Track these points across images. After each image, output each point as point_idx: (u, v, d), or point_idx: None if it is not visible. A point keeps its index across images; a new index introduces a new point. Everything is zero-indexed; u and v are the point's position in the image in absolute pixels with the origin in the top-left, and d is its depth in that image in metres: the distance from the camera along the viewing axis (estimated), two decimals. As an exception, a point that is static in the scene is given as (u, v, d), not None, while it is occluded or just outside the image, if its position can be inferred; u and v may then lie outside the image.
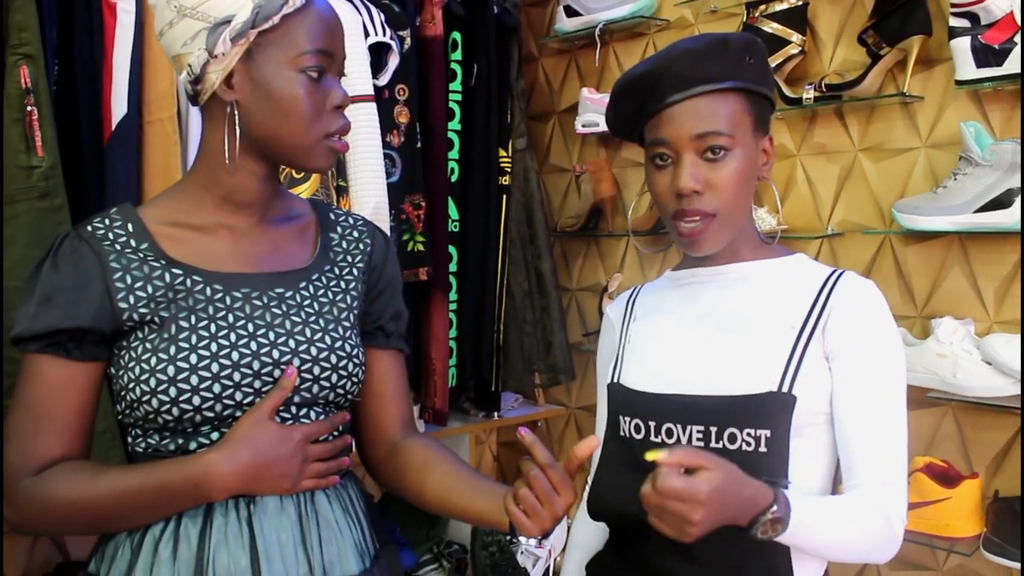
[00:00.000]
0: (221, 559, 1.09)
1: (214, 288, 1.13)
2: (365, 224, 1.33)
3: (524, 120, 2.66)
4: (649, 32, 2.53)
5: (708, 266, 1.30)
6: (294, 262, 1.22)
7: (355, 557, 1.18)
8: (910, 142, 2.00)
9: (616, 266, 2.68)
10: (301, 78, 1.10)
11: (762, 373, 1.18)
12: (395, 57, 2.13)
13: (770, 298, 1.24)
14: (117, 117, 1.79)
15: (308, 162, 1.15)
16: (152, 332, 1.10)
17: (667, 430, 1.22)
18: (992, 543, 1.76)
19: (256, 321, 1.14)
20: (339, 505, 1.20)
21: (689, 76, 1.18)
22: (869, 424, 1.18)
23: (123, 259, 1.11)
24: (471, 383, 2.55)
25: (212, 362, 1.09)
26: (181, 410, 1.08)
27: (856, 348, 1.19)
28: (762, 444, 1.15)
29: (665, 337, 1.30)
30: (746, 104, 1.21)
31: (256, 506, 1.11)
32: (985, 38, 1.72)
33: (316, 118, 1.12)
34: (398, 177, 2.17)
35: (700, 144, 1.19)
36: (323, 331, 1.18)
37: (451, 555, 2.60)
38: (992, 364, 1.76)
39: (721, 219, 1.20)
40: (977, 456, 1.92)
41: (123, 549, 1.12)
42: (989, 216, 1.74)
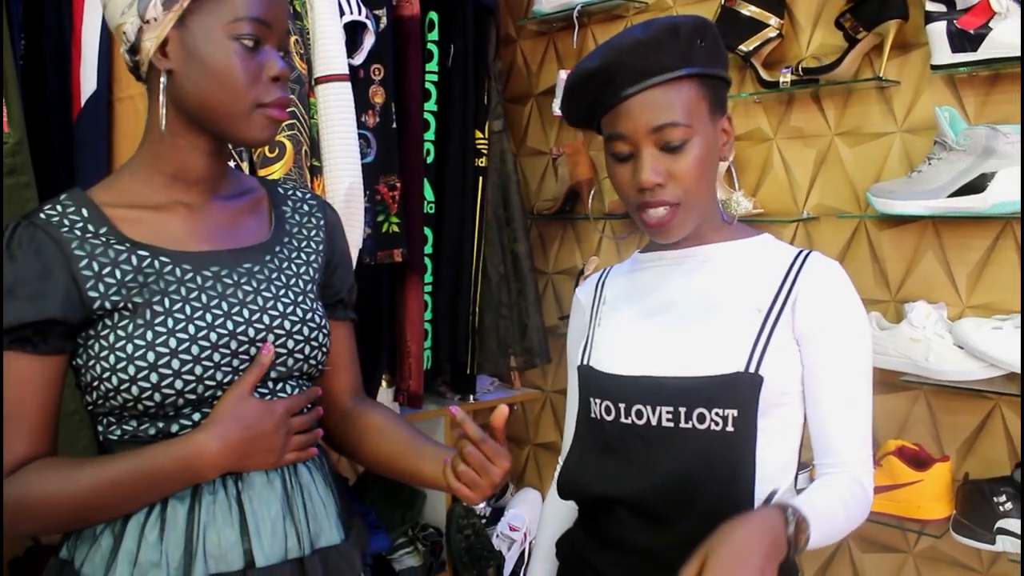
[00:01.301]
0: (211, 538, 1.09)
1: (183, 268, 1.12)
2: (314, 198, 1.33)
3: (501, 102, 2.65)
4: (628, 14, 2.52)
5: (674, 249, 1.30)
6: (253, 237, 1.21)
7: (336, 527, 1.20)
8: (886, 126, 2.00)
9: (592, 249, 2.67)
10: (235, 46, 1.07)
11: (730, 354, 1.19)
12: (371, 36, 2.11)
13: (737, 280, 1.26)
14: (86, 93, 1.76)
15: (244, 133, 1.11)
16: (124, 319, 1.07)
17: (637, 411, 1.23)
18: (961, 525, 1.77)
19: (229, 299, 1.13)
20: (320, 477, 1.22)
21: (642, 68, 1.18)
22: (845, 404, 1.21)
23: (86, 245, 1.08)
24: (447, 366, 2.54)
25: (192, 344, 1.08)
26: (163, 395, 1.06)
27: (828, 331, 1.21)
28: (729, 424, 1.18)
29: (634, 320, 1.31)
30: (701, 89, 1.20)
31: (244, 483, 1.12)
32: (960, 23, 1.73)
33: (250, 87, 1.09)
34: (373, 158, 2.15)
35: (658, 137, 1.18)
36: (293, 304, 1.18)
37: (426, 538, 2.60)
38: (964, 348, 1.77)
39: (686, 207, 1.21)
40: (948, 439, 1.94)
41: (102, 537, 1.09)
42: (963, 201, 1.75)
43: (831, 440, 1.22)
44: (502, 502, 2.90)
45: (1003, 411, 1.85)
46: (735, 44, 2.08)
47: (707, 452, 1.18)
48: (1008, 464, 1.82)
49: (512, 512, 2.78)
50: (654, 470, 1.21)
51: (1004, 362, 1.71)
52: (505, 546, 2.69)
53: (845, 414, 1.22)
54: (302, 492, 1.17)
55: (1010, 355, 1.70)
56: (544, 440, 2.90)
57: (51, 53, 1.75)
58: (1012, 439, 1.84)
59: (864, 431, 1.22)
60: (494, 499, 2.90)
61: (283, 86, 1.13)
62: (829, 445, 1.22)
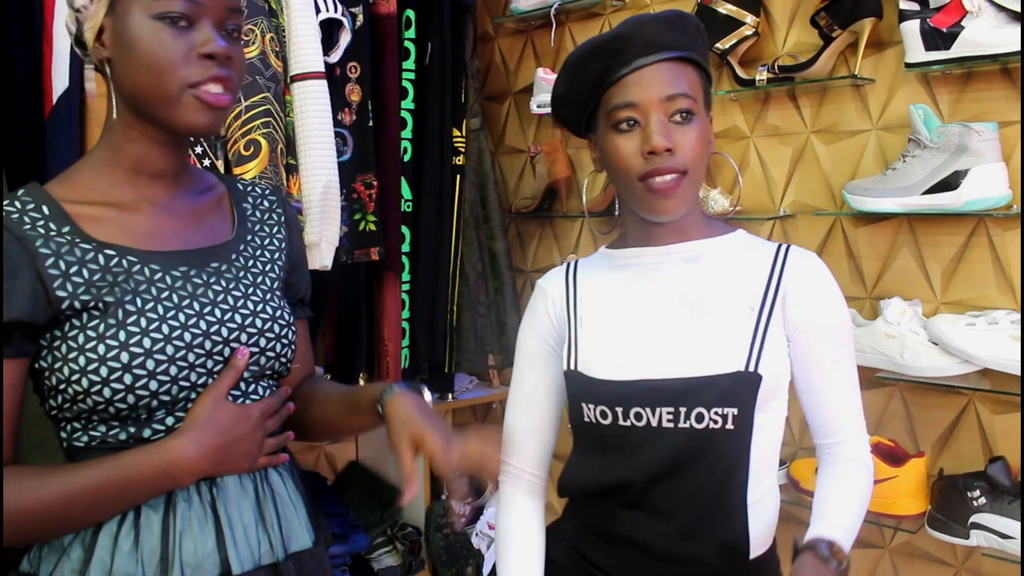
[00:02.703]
0: (188, 545, 1.06)
1: (152, 268, 1.09)
2: (273, 193, 1.31)
3: (479, 100, 2.65)
4: (605, 12, 2.52)
5: (655, 245, 1.31)
6: (218, 235, 1.19)
7: (307, 530, 1.20)
8: (861, 124, 2.01)
9: (571, 247, 2.67)
10: (159, 25, 1.04)
11: (728, 354, 1.22)
12: (347, 34, 2.10)
13: (724, 277, 1.28)
14: (58, 91, 1.73)
15: (176, 117, 1.06)
16: (94, 319, 1.04)
17: (636, 414, 1.24)
18: (936, 520, 1.78)
19: (200, 299, 1.11)
20: (291, 481, 1.21)
21: (658, 41, 1.22)
22: (841, 386, 1.29)
23: (51, 243, 1.04)
24: (424, 364, 2.53)
25: (166, 345, 1.05)
26: (137, 396, 1.04)
27: (819, 321, 1.26)
28: (729, 422, 1.21)
29: (622, 321, 1.30)
30: (700, 78, 1.26)
31: (218, 489, 1.10)
32: (934, 21, 1.74)
33: (178, 67, 1.04)
34: (349, 156, 2.14)
35: (669, 106, 1.21)
36: (262, 302, 1.17)
37: (405, 537, 2.59)
38: (938, 344, 1.78)
39: (690, 179, 1.23)
40: (923, 435, 1.95)
41: (72, 548, 1.06)
42: (936, 198, 1.76)
43: (831, 422, 1.30)
44: (481, 501, 2.90)
45: (977, 407, 1.87)
46: (712, 42, 2.08)
47: (705, 448, 1.21)
48: (982, 459, 1.84)
49: (491, 511, 2.77)
50: (651, 464, 1.24)
51: (977, 358, 1.72)
52: (484, 544, 2.69)
53: (842, 395, 1.29)
54: (274, 497, 1.16)
55: (983, 351, 1.71)
56: (523, 438, 2.89)
57: (22, 50, 1.73)
58: (985, 434, 1.86)
59: (858, 406, 1.31)
60: (472, 498, 2.89)
61: (223, 65, 1.06)
62: (829, 426, 1.30)
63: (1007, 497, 1.70)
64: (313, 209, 1.95)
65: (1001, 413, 1.83)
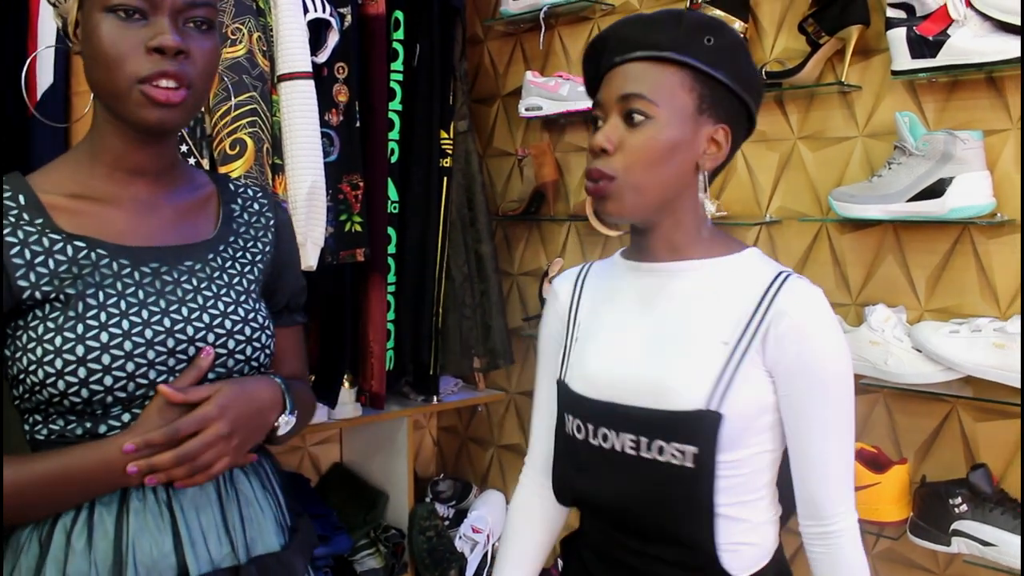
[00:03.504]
0: (142, 546, 1.05)
1: (120, 263, 1.08)
2: (265, 196, 1.30)
3: (467, 102, 2.64)
4: (594, 16, 2.52)
5: (649, 261, 1.26)
6: (199, 234, 1.18)
7: (275, 533, 1.17)
8: (847, 131, 2.02)
9: (558, 251, 2.67)
10: (111, 18, 1.03)
11: (690, 390, 1.15)
12: (335, 34, 2.09)
13: (709, 305, 1.20)
14: (43, 87, 1.73)
15: (126, 112, 1.05)
16: (55, 311, 1.03)
17: (603, 435, 1.22)
18: (918, 527, 1.79)
19: (168, 296, 1.10)
20: (258, 482, 1.19)
21: (631, 40, 1.18)
22: (826, 457, 1.17)
23: (19, 232, 1.04)
24: (410, 367, 2.53)
25: (124, 340, 1.04)
26: (91, 391, 1.03)
27: (799, 368, 1.15)
28: (689, 459, 1.14)
29: (605, 339, 1.28)
30: (691, 81, 1.17)
31: (175, 490, 1.08)
32: (920, 29, 1.74)
33: (124, 61, 1.02)
34: (336, 156, 2.13)
35: (623, 106, 1.17)
36: (235, 303, 1.15)
37: (388, 539, 2.59)
38: (922, 351, 1.79)
39: (622, 184, 1.16)
40: (906, 442, 1.95)
41: (29, 544, 1.06)
42: (921, 205, 1.76)
43: (812, 498, 1.18)
44: (465, 504, 2.90)
45: (960, 414, 1.87)
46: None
47: (666, 483, 1.16)
48: (964, 466, 1.84)
49: (475, 514, 2.77)
50: (621, 492, 1.21)
51: (960, 365, 1.73)
52: (468, 548, 2.68)
53: (824, 467, 1.17)
54: (238, 498, 1.14)
55: (966, 358, 1.72)
56: (508, 442, 2.89)
57: (6, 46, 1.72)
58: (968, 442, 1.86)
59: (845, 480, 1.18)
60: (456, 501, 2.89)
61: (173, 60, 1.04)
62: (808, 504, 1.19)
63: (989, 505, 1.71)
64: (299, 209, 1.94)
65: (983, 421, 1.84)
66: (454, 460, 3.12)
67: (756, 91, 1.24)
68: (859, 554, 1.18)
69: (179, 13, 1.05)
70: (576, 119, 2.55)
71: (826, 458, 1.17)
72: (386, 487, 2.70)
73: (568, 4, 2.46)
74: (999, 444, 1.81)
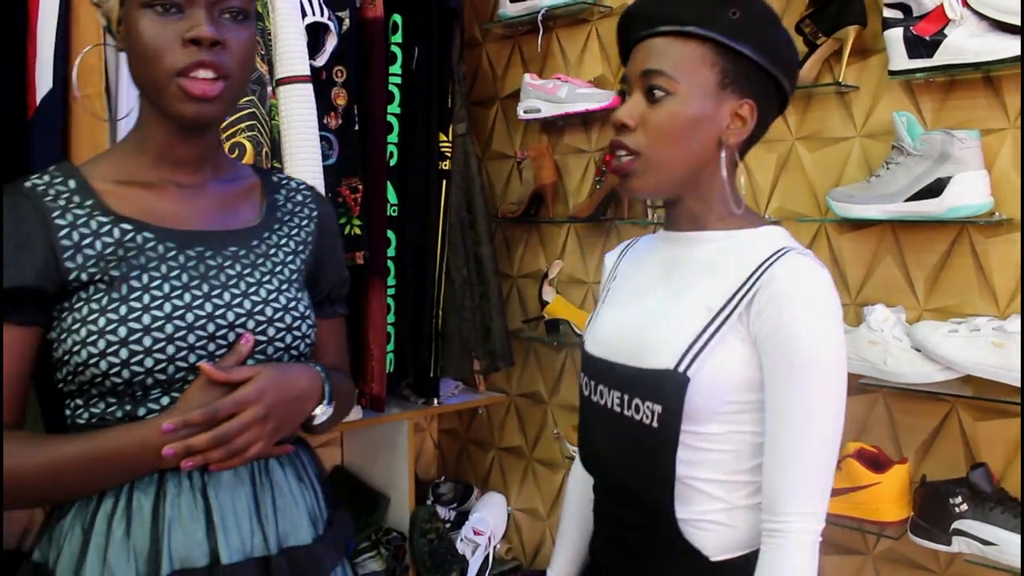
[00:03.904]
0: (176, 534, 1.06)
1: (167, 246, 1.10)
2: (308, 189, 1.32)
3: (465, 105, 2.65)
4: (592, 18, 2.53)
5: (675, 230, 1.28)
6: (243, 221, 1.20)
7: (308, 525, 1.18)
8: (845, 131, 2.02)
9: (557, 253, 2.67)
10: (148, 13, 1.05)
11: (663, 350, 1.17)
12: (333, 38, 2.10)
13: (712, 274, 1.20)
14: (42, 92, 1.74)
15: (166, 106, 1.08)
16: (100, 292, 1.05)
17: (600, 391, 1.26)
18: (919, 527, 1.79)
19: (211, 281, 1.11)
20: (293, 473, 1.20)
21: (654, 16, 1.18)
22: (786, 449, 1.11)
23: (68, 215, 1.07)
24: (410, 369, 2.53)
25: (166, 323, 1.06)
26: (132, 372, 1.04)
27: (776, 344, 1.11)
28: (655, 419, 1.16)
29: (620, 305, 1.32)
30: (713, 56, 1.16)
31: (210, 476, 1.09)
32: (916, 30, 1.74)
33: (162, 54, 1.05)
34: (335, 160, 2.14)
35: (644, 82, 1.18)
36: (277, 291, 1.17)
37: (389, 542, 2.59)
38: (921, 351, 1.79)
39: (646, 160, 1.18)
40: (906, 441, 1.95)
41: (72, 532, 1.07)
42: (920, 205, 1.77)
43: (767, 488, 1.13)
44: (466, 506, 2.90)
45: (959, 413, 1.87)
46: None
47: (637, 442, 1.20)
48: (964, 466, 1.84)
49: (476, 516, 2.77)
50: (608, 450, 1.25)
51: (960, 365, 1.73)
52: (469, 550, 2.68)
53: (782, 457, 1.11)
54: (272, 489, 1.15)
55: (965, 358, 1.72)
56: (509, 444, 2.90)
57: (5, 51, 1.72)
58: (968, 441, 1.86)
59: (807, 479, 1.10)
60: (458, 503, 2.89)
61: (209, 51, 1.06)
62: (767, 495, 1.13)
63: (989, 504, 1.71)
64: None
65: (983, 420, 1.84)
66: (455, 462, 3.12)
67: (787, 65, 1.21)
68: (804, 566, 1.10)
69: (214, 5, 1.08)
70: (575, 121, 2.55)
71: (791, 446, 1.10)
72: (387, 490, 2.70)
73: (566, 6, 2.46)
74: (999, 443, 1.81)
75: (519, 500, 2.87)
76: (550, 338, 2.60)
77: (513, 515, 2.89)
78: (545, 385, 2.76)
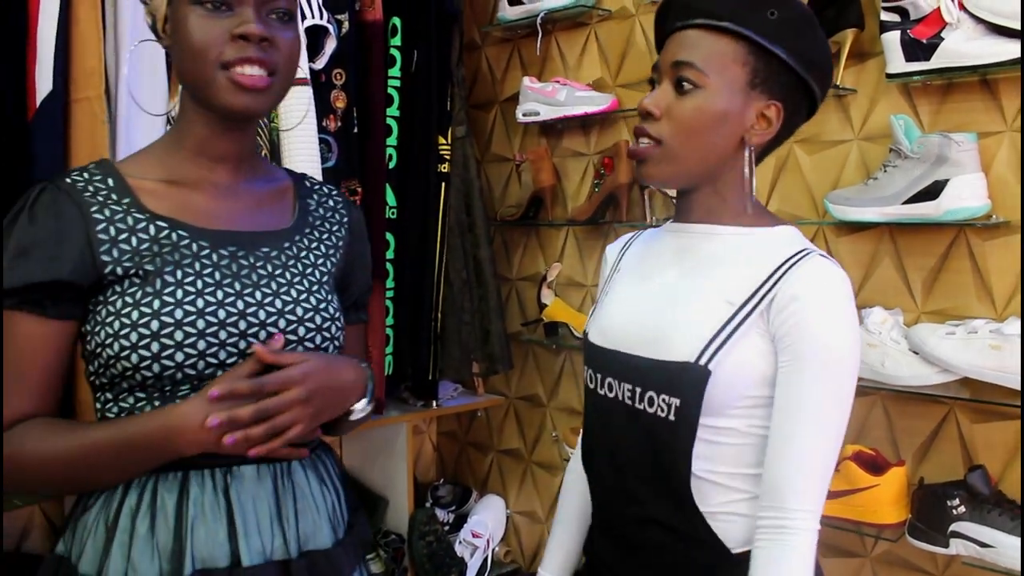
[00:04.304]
0: (199, 534, 1.07)
1: (200, 244, 1.12)
2: (340, 195, 1.34)
3: (464, 108, 2.65)
4: (591, 22, 2.53)
5: (685, 221, 1.27)
6: (276, 222, 1.22)
7: (328, 529, 1.19)
8: (843, 134, 2.02)
9: (555, 256, 2.68)
10: (196, 10, 1.08)
11: (684, 342, 1.16)
12: (332, 41, 2.10)
13: (726, 268, 1.20)
14: (42, 94, 1.74)
15: (213, 97, 1.10)
16: (134, 286, 1.07)
17: (608, 384, 1.25)
18: (917, 529, 1.79)
19: (243, 279, 1.13)
20: (315, 475, 1.21)
21: (692, 7, 1.18)
22: (801, 438, 1.12)
23: (106, 210, 1.09)
24: (409, 372, 2.53)
25: (198, 318, 1.07)
26: (162, 366, 1.06)
27: (795, 340, 1.12)
28: (672, 412, 1.16)
29: (623, 295, 1.31)
30: (744, 54, 1.16)
31: (233, 477, 1.11)
32: (914, 33, 1.75)
33: (212, 49, 1.08)
34: (334, 162, 2.14)
35: (674, 73, 1.18)
36: (308, 292, 1.18)
37: (388, 544, 2.59)
38: (919, 353, 1.79)
39: (666, 149, 1.18)
40: (904, 444, 1.96)
41: (96, 527, 1.09)
42: (917, 207, 1.77)
43: (776, 484, 1.13)
44: (465, 509, 2.90)
45: (957, 416, 1.88)
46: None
47: (651, 436, 1.19)
48: (961, 468, 1.84)
49: (475, 519, 2.77)
50: (620, 444, 1.24)
51: (957, 367, 1.73)
52: (468, 553, 2.68)
53: (798, 451, 1.12)
54: (294, 491, 1.16)
55: (962, 360, 1.72)
56: (508, 447, 2.90)
57: (5, 53, 1.72)
58: (965, 443, 1.87)
59: (816, 476, 1.12)
60: (456, 506, 2.89)
61: (257, 47, 1.08)
62: (773, 491, 1.13)
63: (987, 506, 1.71)
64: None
65: (981, 422, 1.84)
66: (454, 465, 3.12)
67: (820, 71, 1.20)
68: (810, 565, 1.11)
69: (263, 5, 1.10)
70: (573, 124, 2.55)
71: (801, 442, 1.12)
72: (386, 492, 2.70)
73: (565, 10, 2.47)
74: (996, 445, 1.82)
75: (518, 503, 2.88)
76: (549, 341, 2.61)
77: (512, 518, 2.89)
78: (544, 388, 2.76)
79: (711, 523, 1.18)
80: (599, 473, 1.30)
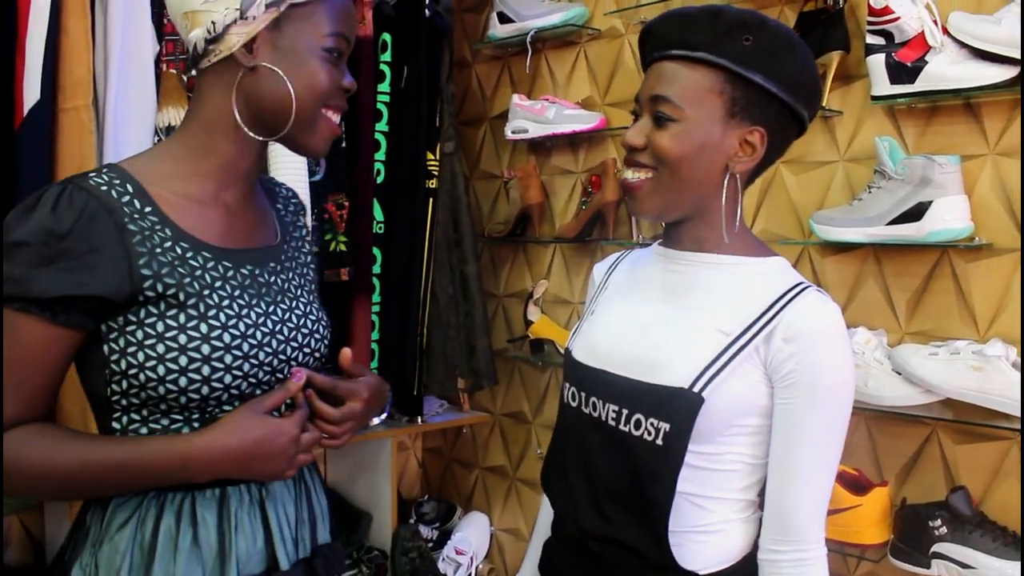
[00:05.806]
0: (240, 544, 1.10)
1: (224, 265, 1.12)
2: (294, 195, 1.36)
3: (453, 124, 2.66)
4: (581, 41, 2.55)
5: (676, 249, 1.27)
6: (271, 236, 1.23)
7: (326, 527, 1.25)
8: (829, 155, 2.04)
9: (543, 273, 2.68)
10: (325, 55, 1.12)
11: (679, 368, 1.17)
12: (322, 55, 2.11)
13: (719, 297, 1.21)
14: (29, 103, 1.74)
15: (307, 138, 1.15)
16: (172, 308, 1.05)
17: (592, 403, 1.25)
18: (899, 549, 1.79)
19: (265, 299, 1.15)
20: (319, 478, 1.27)
21: (666, 37, 1.19)
22: (810, 475, 1.16)
23: (137, 222, 1.05)
24: (394, 387, 2.53)
25: (243, 342, 1.09)
26: (211, 388, 1.07)
27: (800, 383, 1.15)
28: (660, 437, 1.16)
29: (611, 315, 1.32)
30: (720, 83, 1.15)
31: (267, 489, 1.15)
32: (898, 56, 1.77)
33: (327, 96, 1.13)
34: (322, 176, 2.14)
35: (652, 107, 1.18)
36: (309, 303, 1.22)
37: (371, 560, 2.58)
38: (902, 374, 1.80)
39: (660, 179, 1.18)
40: (887, 464, 1.96)
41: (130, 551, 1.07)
42: (901, 228, 1.78)
43: (787, 518, 1.16)
44: (449, 525, 2.89)
45: (939, 436, 1.88)
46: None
47: (635, 459, 1.19)
48: (944, 489, 1.85)
49: (459, 535, 2.76)
50: (597, 464, 1.24)
51: (939, 388, 1.74)
52: (451, 569, 2.67)
53: (806, 483, 1.16)
54: (308, 495, 1.22)
55: (945, 381, 1.73)
56: (492, 464, 2.89)
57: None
58: (948, 464, 1.87)
59: (822, 505, 1.17)
60: (440, 522, 2.88)
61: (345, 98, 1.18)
62: (783, 525, 1.17)
63: (968, 527, 1.71)
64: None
65: (963, 443, 1.85)
66: (438, 481, 3.11)
67: (803, 91, 1.19)
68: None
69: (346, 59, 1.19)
70: (562, 142, 2.56)
71: (810, 476, 1.15)
72: (370, 508, 2.69)
73: (554, 29, 2.48)
74: (978, 466, 1.82)
75: (502, 520, 2.87)
76: (535, 358, 2.61)
77: (496, 535, 2.88)
78: (529, 405, 2.76)
79: (682, 545, 1.19)
80: (568, 487, 1.29)
